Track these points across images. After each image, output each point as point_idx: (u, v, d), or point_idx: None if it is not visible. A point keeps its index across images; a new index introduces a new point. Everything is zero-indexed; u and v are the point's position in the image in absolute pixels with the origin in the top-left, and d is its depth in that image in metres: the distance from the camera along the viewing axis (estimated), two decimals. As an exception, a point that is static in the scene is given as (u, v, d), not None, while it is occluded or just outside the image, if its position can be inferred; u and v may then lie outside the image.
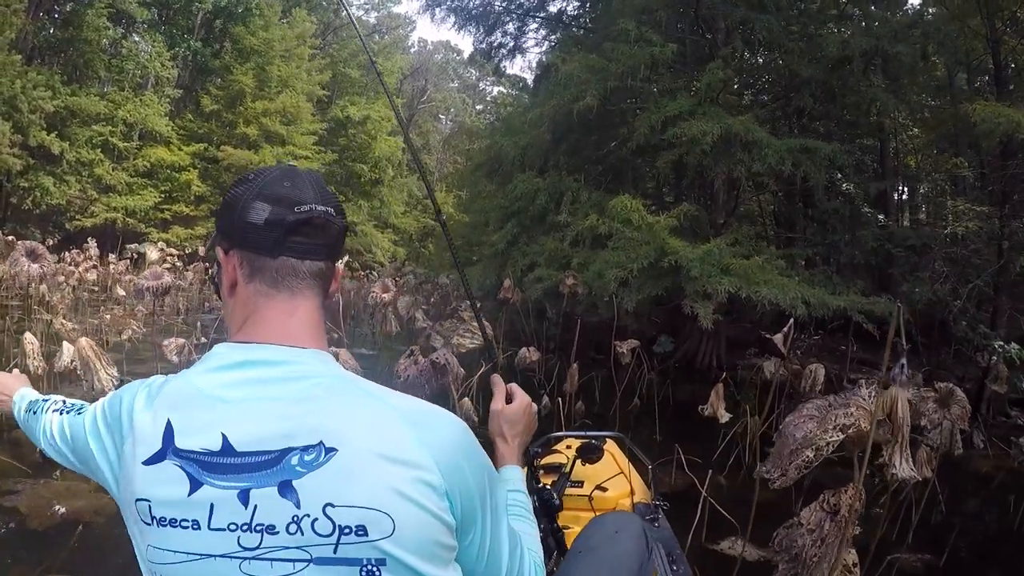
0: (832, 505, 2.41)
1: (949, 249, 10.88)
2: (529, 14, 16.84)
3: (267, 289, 1.04)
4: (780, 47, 11.19)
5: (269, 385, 0.97)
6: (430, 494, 0.94)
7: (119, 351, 9.03)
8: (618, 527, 1.83)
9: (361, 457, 0.92)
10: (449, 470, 0.97)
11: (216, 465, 0.92)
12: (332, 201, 1.08)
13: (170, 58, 28.92)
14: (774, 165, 9.19)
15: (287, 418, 0.94)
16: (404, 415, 0.98)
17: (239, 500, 0.91)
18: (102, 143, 26.02)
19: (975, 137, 11.28)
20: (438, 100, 49.37)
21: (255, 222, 1.01)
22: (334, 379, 1.00)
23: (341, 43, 37.71)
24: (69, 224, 25.04)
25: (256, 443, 0.92)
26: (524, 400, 1.58)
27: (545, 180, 11.66)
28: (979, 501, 5.92)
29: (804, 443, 2.33)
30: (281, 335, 1.02)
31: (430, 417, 1.01)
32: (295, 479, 0.91)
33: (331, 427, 0.93)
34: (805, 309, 8.60)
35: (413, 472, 0.93)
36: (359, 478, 0.91)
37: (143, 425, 0.98)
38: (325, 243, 1.07)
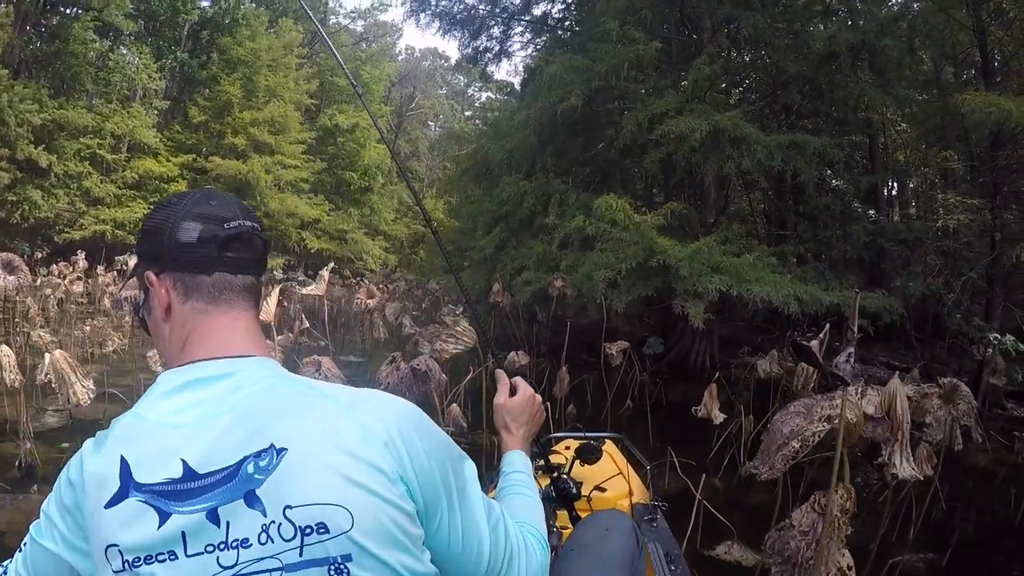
0: (823, 506, 2.34)
1: (941, 242, 10.85)
2: (514, 18, 16.79)
3: (205, 306, 1.05)
4: (766, 44, 11.14)
5: (217, 401, 0.97)
6: (383, 480, 0.93)
7: (104, 363, 8.94)
8: (608, 525, 1.84)
9: (310, 452, 0.91)
10: (400, 453, 0.96)
11: (181, 492, 0.90)
12: (255, 217, 1.13)
13: (157, 70, 28.85)
14: (763, 161, 9.12)
15: (239, 428, 0.93)
16: (350, 405, 0.98)
17: (209, 521, 0.88)
18: (90, 156, 25.93)
19: (964, 129, 11.27)
20: (427, 107, 49.40)
21: (188, 241, 1.04)
22: (278, 381, 1.01)
23: (328, 52, 37.55)
24: (58, 237, 24.89)
25: (215, 461, 0.91)
26: (527, 392, 1.59)
27: (532, 183, 11.61)
28: (980, 497, 5.84)
29: (791, 437, 2.30)
30: (223, 348, 1.03)
31: (375, 403, 1.01)
32: (257, 487, 0.89)
33: (279, 428, 0.93)
34: (798, 306, 8.54)
35: (363, 460, 0.92)
36: (311, 474, 0.90)
37: (97, 470, 0.95)
38: (254, 258, 1.11)
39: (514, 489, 1.35)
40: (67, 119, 24.79)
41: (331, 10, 41.02)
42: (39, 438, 5.61)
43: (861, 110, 11.96)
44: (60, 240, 24.78)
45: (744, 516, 4.74)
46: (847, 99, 11.07)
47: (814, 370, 6.16)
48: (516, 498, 1.33)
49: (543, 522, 1.30)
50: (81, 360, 8.53)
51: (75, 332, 10.18)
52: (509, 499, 1.33)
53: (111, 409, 6.62)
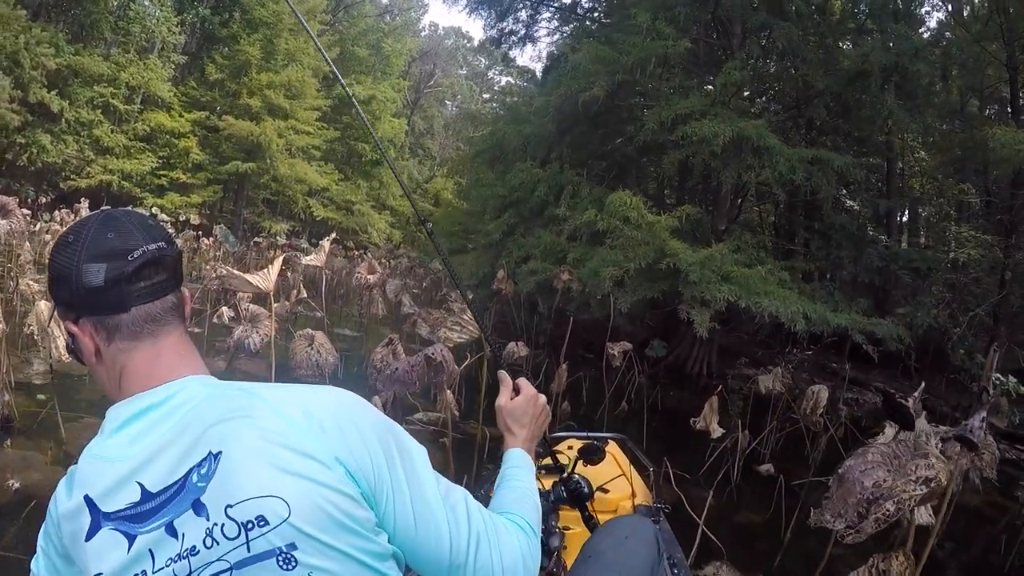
0: (881, 572, 2.22)
1: (950, 275, 10.78)
2: (543, 2, 16.65)
3: (128, 344, 1.03)
4: (797, 56, 11.01)
5: (160, 424, 0.98)
6: (316, 466, 0.93)
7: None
8: (629, 532, 1.81)
9: (244, 451, 0.92)
10: (332, 437, 0.96)
11: (141, 514, 0.92)
12: (160, 233, 1.07)
13: (177, 23, 28.55)
14: (784, 174, 9.01)
15: (181, 444, 0.95)
16: (281, 402, 0.99)
17: (168, 535, 0.91)
18: (103, 104, 25.63)
19: (984, 164, 11.19)
20: (445, 85, 49.20)
21: (95, 285, 0.99)
22: (213, 392, 1.02)
23: (351, 20, 37.53)
24: (64, 184, 24.71)
25: (165, 478, 0.93)
26: (530, 392, 1.55)
27: (546, 171, 11.51)
28: (971, 540, 5.75)
29: (878, 493, 2.17)
30: (157, 378, 1.02)
31: (307, 396, 1.02)
32: (201, 495, 0.91)
33: (214, 435, 0.94)
34: (805, 324, 8.45)
35: (294, 448, 0.93)
36: (246, 470, 0.91)
37: (68, 510, 0.96)
38: (168, 276, 1.07)
39: (508, 483, 1.33)
40: (82, 66, 24.51)
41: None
42: (20, 390, 5.50)
43: (884, 132, 11.88)
44: (66, 187, 24.60)
45: (735, 535, 4.64)
46: (872, 119, 10.97)
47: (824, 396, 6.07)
48: (508, 491, 1.30)
49: (535, 512, 1.27)
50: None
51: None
52: (501, 491, 1.31)
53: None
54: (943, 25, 13.87)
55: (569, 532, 2.48)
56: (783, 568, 4.31)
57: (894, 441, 2.44)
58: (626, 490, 2.83)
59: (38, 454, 4.48)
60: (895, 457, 2.30)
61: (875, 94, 10.07)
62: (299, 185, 29.25)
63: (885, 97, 10.26)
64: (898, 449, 2.35)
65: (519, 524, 1.19)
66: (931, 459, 2.17)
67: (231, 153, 27.51)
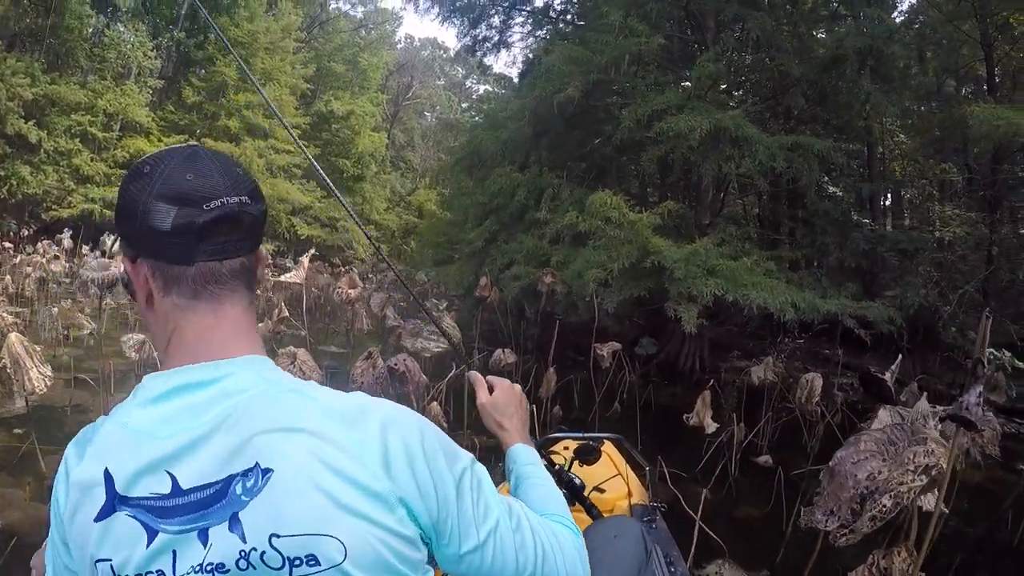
0: (883, 570, 2.08)
1: (937, 255, 10.78)
2: (515, 7, 16.59)
3: (187, 301, 0.92)
4: (772, 46, 10.98)
5: (203, 410, 0.87)
6: (379, 506, 0.85)
7: (78, 346, 8.73)
8: (617, 532, 1.82)
9: (298, 475, 0.83)
10: (401, 474, 0.87)
11: (168, 509, 0.83)
12: (245, 185, 0.94)
13: (152, 48, 28.46)
14: (764, 162, 8.96)
15: (224, 442, 0.84)
16: (346, 418, 0.88)
17: (200, 541, 0.82)
18: (81, 133, 25.49)
19: (964, 142, 11.22)
20: (424, 97, 49.21)
21: (160, 228, 0.87)
22: (268, 387, 0.90)
23: (327, 37, 37.53)
24: (46, 214, 24.51)
25: (200, 476, 0.83)
26: (505, 384, 1.51)
27: (525, 176, 11.44)
28: (977, 517, 5.66)
29: (873, 487, 2.04)
30: (208, 350, 0.92)
31: (375, 415, 0.90)
32: (240, 510, 0.82)
33: (266, 444, 0.84)
34: (794, 313, 8.38)
35: (358, 483, 0.84)
36: (300, 500, 0.82)
37: (81, 480, 0.88)
38: (244, 236, 0.94)
39: (529, 482, 1.28)
40: (59, 95, 24.41)
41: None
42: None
43: (863, 117, 11.87)
44: (48, 218, 24.40)
45: (735, 531, 4.57)
46: (850, 104, 10.95)
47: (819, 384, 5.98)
48: (533, 490, 1.25)
49: (566, 507, 1.23)
50: (53, 343, 8.34)
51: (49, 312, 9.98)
52: (526, 493, 1.25)
53: (77, 395, 6.45)
54: (916, 6, 13.96)
55: None
56: (786, 561, 4.25)
57: (890, 426, 2.29)
58: (622, 490, 2.82)
59: (18, 491, 4.39)
60: (891, 443, 2.17)
61: (851, 79, 10.04)
62: (282, 204, 29.10)
63: (862, 82, 10.23)
64: (894, 434, 2.22)
65: (565, 524, 1.15)
66: (930, 444, 2.04)
67: (211, 176, 27.29)
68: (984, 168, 11.60)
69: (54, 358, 7.50)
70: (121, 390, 6.78)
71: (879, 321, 8.81)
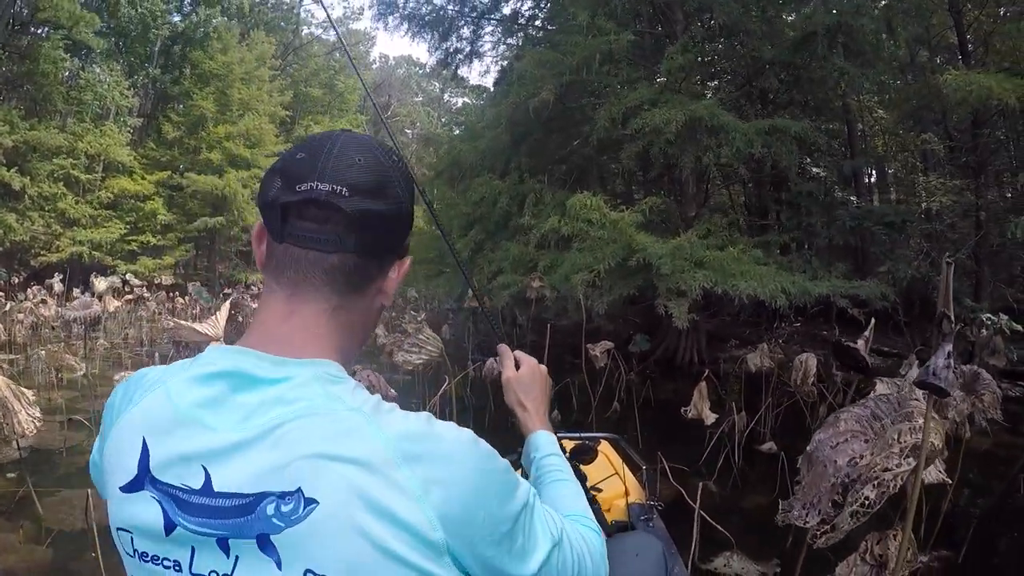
0: (877, 557, 1.88)
1: (925, 225, 10.77)
2: (483, 17, 16.57)
3: (270, 280, 0.90)
4: (741, 31, 10.97)
5: (254, 413, 0.80)
6: (426, 553, 0.77)
7: (73, 388, 8.67)
8: (638, 550, 1.75)
9: (343, 511, 0.75)
10: (452, 520, 0.79)
11: (192, 505, 0.78)
12: (350, 176, 0.85)
13: (129, 86, 28.49)
14: (742, 149, 8.94)
15: (267, 455, 0.77)
16: (404, 450, 0.78)
17: (219, 547, 0.78)
18: (64, 176, 25.46)
19: (943, 112, 11.20)
20: (403, 114, 49.19)
21: (265, 198, 0.87)
22: (328, 403, 0.81)
23: (301, 63, 37.54)
24: (35, 260, 24.51)
25: (235, 484, 0.77)
26: (532, 362, 1.44)
27: (506, 183, 11.40)
28: (987, 485, 5.61)
29: (855, 474, 1.81)
30: (275, 341, 0.86)
31: (431, 447, 0.81)
32: (273, 533, 0.76)
33: (312, 470, 0.76)
34: (786, 299, 8.34)
35: (405, 527, 0.76)
36: (340, 539, 0.75)
37: (120, 438, 0.85)
38: (336, 232, 0.86)
39: (551, 476, 1.20)
40: (39, 140, 24.40)
41: (303, 21, 40.76)
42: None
43: (839, 93, 11.86)
44: (37, 264, 24.39)
45: (743, 522, 4.52)
46: (825, 81, 10.92)
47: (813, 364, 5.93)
48: (556, 487, 1.18)
49: (587, 506, 1.17)
50: (47, 387, 8.29)
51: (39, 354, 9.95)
52: (550, 489, 1.18)
53: (71, 436, 6.41)
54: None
55: None
56: (795, 550, 4.18)
57: (873, 398, 2.08)
58: (619, 489, 2.79)
59: (12, 535, 4.34)
60: (875, 419, 1.96)
61: (823, 56, 10.03)
62: (273, 232, 29.05)
63: (834, 59, 10.22)
64: (878, 408, 2.01)
65: (591, 528, 1.09)
66: (916, 419, 1.82)
67: (198, 210, 27.35)
68: (964, 135, 11.60)
69: (49, 402, 7.48)
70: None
71: (871, 298, 8.77)
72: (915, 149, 13.49)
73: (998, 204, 10.54)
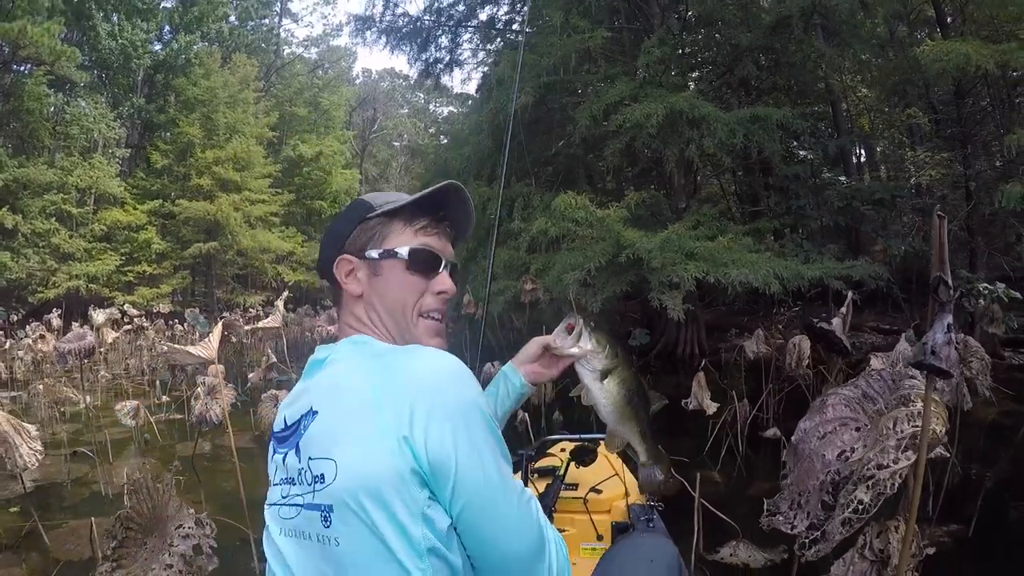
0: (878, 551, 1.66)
1: (916, 200, 10.74)
2: (460, 25, 16.56)
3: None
4: (717, 20, 10.96)
5: (313, 376, 1.19)
6: (379, 442, 0.97)
7: (76, 421, 8.65)
8: (653, 556, 1.70)
9: (331, 413, 1.06)
10: (411, 420, 0.98)
11: (279, 438, 1.15)
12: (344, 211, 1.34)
13: (115, 118, 28.56)
14: (725, 139, 8.92)
15: (307, 394, 1.13)
16: (386, 368, 1.05)
17: (283, 462, 1.11)
18: (56, 212, 25.57)
19: (925, 85, 11.19)
20: (390, 127, 49.20)
21: None
22: (349, 361, 1.14)
23: (285, 82, 37.51)
24: (32, 297, 24.51)
25: (291, 418, 1.13)
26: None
27: (493, 189, 11.34)
28: (994, 455, 5.56)
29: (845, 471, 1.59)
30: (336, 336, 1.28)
31: (404, 363, 1.07)
32: (300, 440, 1.08)
33: (323, 395, 1.10)
34: (779, 284, 8.30)
35: (370, 420, 0.99)
36: (327, 432, 1.04)
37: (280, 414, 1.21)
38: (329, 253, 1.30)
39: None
40: (29, 177, 24.48)
41: (284, 40, 40.79)
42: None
43: (820, 75, 11.84)
44: (35, 300, 24.39)
45: (748, 511, 4.46)
46: (805, 64, 10.90)
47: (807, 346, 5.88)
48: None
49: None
50: (50, 421, 8.27)
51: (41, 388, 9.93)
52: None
53: (76, 469, 6.38)
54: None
55: (564, 534, 2.45)
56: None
57: (864, 375, 1.84)
58: (619, 490, 2.79)
59: (17, 569, 4.32)
60: (867, 400, 1.73)
61: (800, 40, 10.02)
62: (265, 255, 29.10)
63: (812, 41, 10.22)
64: (870, 388, 1.78)
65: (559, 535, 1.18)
66: (915, 404, 1.56)
67: (191, 236, 27.39)
68: (949, 107, 11.59)
69: (52, 436, 7.47)
70: (119, 458, 6.76)
71: (865, 278, 8.74)
72: (901, 125, 13.46)
73: (987, 173, 10.53)
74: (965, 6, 11.35)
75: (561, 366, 1.63)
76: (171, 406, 8.85)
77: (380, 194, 1.33)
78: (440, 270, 1.29)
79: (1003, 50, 8.00)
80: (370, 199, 1.32)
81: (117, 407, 6.67)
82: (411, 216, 1.28)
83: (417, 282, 1.26)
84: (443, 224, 1.32)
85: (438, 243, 1.29)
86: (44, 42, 23.75)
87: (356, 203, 1.32)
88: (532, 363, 1.66)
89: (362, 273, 1.26)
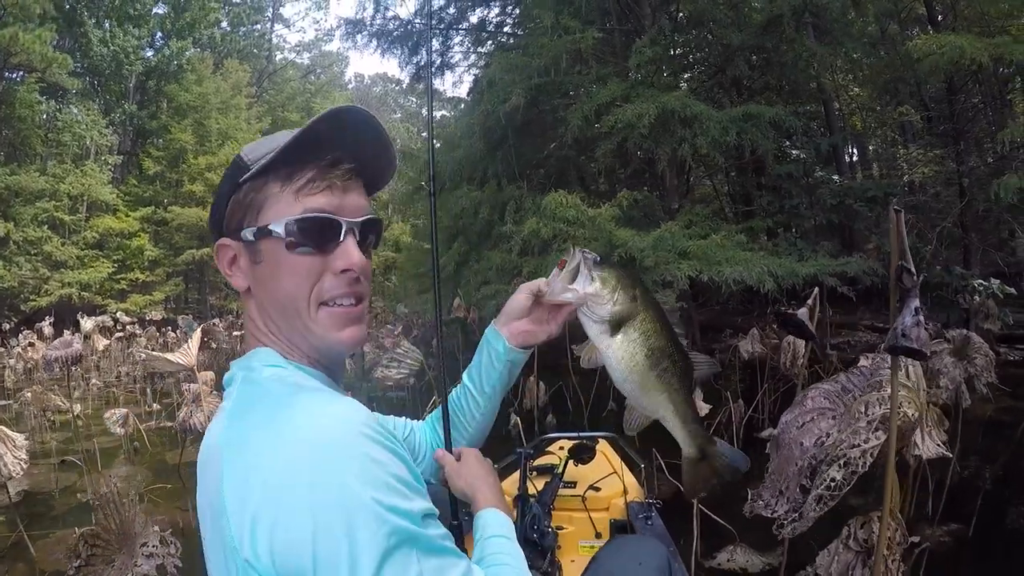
0: (862, 542, 1.72)
1: (909, 198, 10.73)
2: (451, 28, 16.50)
3: None
4: (708, 20, 10.94)
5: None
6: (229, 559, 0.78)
7: (66, 430, 8.60)
8: (642, 558, 1.66)
9: (201, 493, 0.88)
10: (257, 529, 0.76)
11: None
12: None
13: (107, 124, 28.54)
14: (718, 138, 8.87)
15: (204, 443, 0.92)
16: (240, 438, 0.84)
17: None
18: (48, 219, 25.54)
19: (917, 82, 11.18)
20: (382, 132, 49.16)
21: None
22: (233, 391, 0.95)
23: (277, 88, 37.50)
24: (25, 305, 24.49)
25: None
26: (468, 450, 1.33)
27: (485, 192, 11.29)
28: (993, 452, 5.52)
29: (821, 455, 1.66)
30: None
31: (263, 440, 0.81)
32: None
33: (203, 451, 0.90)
34: (773, 282, 8.26)
35: (218, 526, 0.80)
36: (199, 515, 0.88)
37: None
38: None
39: (494, 559, 1.06)
40: (21, 185, 24.48)
41: (276, 46, 40.74)
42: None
43: (812, 77, 11.83)
44: (27, 308, 24.34)
45: (745, 514, 4.43)
46: (796, 63, 10.88)
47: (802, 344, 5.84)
48: (495, 570, 1.03)
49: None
50: (39, 430, 8.23)
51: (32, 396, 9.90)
52: (489, 572, 1.03)
53: (64, 478, 6.34)
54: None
55: (563, 532, 2.56)
56: (803, 537, 4.10)
57: (845, 372, 1.94)
58: (618, 488, 2.82)
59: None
60: (845, 392, 1.83)
61: (791, 37, 9.99)
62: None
63: (803, 40, 10.18)
64: (849, 382, 1.88)
65: None
66: (886, 389, 1.65)
67: (184, 243, 27.34)
68: (941, 104, 11.58)
69: (41, 444, 7.45)
70: (108, 466, 6.71)
71: (860, 275, 8.72)
72: (893, 123, 13.48)
73: (980, 169, 10.51)
74: (956, 3, 11.35)
75: (560, 320, 1.33)
76: (162, 414, 8.81)
77: (261, 142, 1.01)
78: (341, 239, 0.98)
79: (997, 43, 7.97)
80: (246, 152, 1.00)
81: (106, 415, 6.66)
82: (290, 172, 0.96)
83: (308, 263, 0.96)
84: (338, 170, 0.99)
85: (332, 200, 0.97)
86: (36, 49, 23.73)
87: (233, 161, 1.01)
88: (519, 319, 1.35)
89: (243, 261, 1.00)
